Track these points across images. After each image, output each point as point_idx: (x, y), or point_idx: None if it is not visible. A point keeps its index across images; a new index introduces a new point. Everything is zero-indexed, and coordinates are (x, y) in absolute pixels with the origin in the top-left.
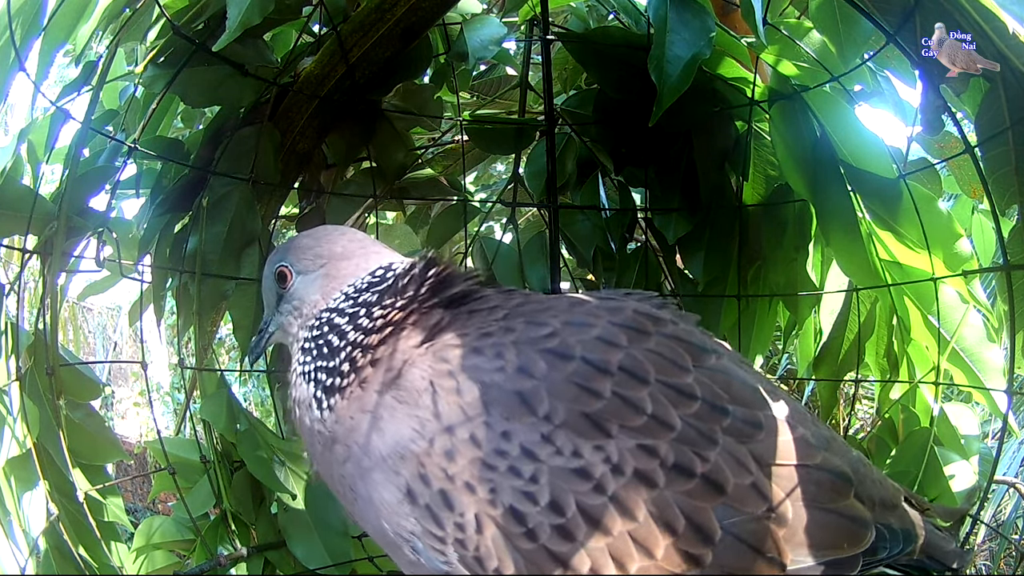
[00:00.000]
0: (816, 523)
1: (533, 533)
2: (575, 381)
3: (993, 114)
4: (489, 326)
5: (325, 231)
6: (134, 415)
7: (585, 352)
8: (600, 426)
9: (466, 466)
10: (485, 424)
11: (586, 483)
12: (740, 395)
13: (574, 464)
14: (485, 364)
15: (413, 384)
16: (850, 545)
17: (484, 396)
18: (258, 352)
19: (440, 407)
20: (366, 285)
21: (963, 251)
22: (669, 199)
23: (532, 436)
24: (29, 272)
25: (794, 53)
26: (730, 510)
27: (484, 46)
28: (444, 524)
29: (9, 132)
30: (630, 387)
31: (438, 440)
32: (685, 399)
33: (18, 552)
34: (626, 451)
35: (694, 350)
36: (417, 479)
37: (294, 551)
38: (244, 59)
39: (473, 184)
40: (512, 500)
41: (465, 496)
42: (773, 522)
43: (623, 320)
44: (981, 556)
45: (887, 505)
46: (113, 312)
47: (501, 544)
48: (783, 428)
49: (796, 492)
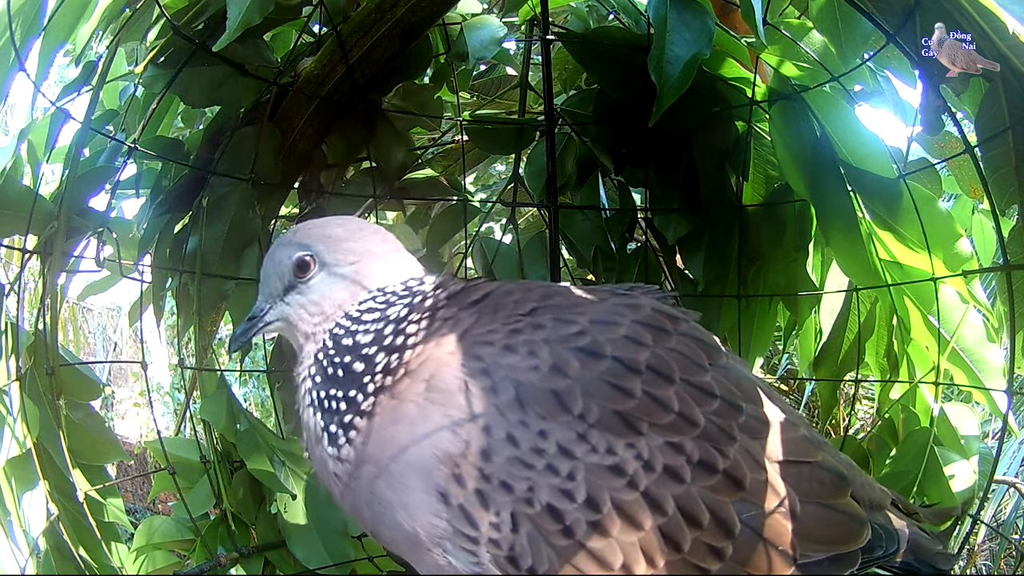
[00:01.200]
0: (820, 519)
1: (570, 530)
2: (608, 380)
3: (993, 114)
4: (517, 321)
5: (358, 225)
6: (134, 415)
7: (616, 351)
8: (632, 424)
9: (503, 465)
10: (522, 423)
11: (620, 479)
12: (749, 393)
13: (609, 461)
14: (519, 363)
15: (447, 385)
16: (849, 542)
17: (520, 395)
18: (243, 341)
19: (475, 407)
20: (396, 297)
21: (963, 251)
22: (669, 199)
23: (568, 434)
24: (29, 272)
25: (794, 53)
26: (748, 505)
27: (484, 46)
28: (479, 524)
29: (9, 132)
30: (658, 386)
31: (475, 440)
32: (707, 397)
33: (18, 552)
34: (655, 448)
35: (708, 349)
36: (451, 480)
37: (294, 551)
38: (244, 59)
39: (473, 184)
40: (550, 498)
41: (501, 495)
42: (784, 517)
43: (644, 318)
44: (981, 556)
45: (875, 506)
46: (113, 312)
47: (536, 542)
48: (787, 426)
49: (804, 489)
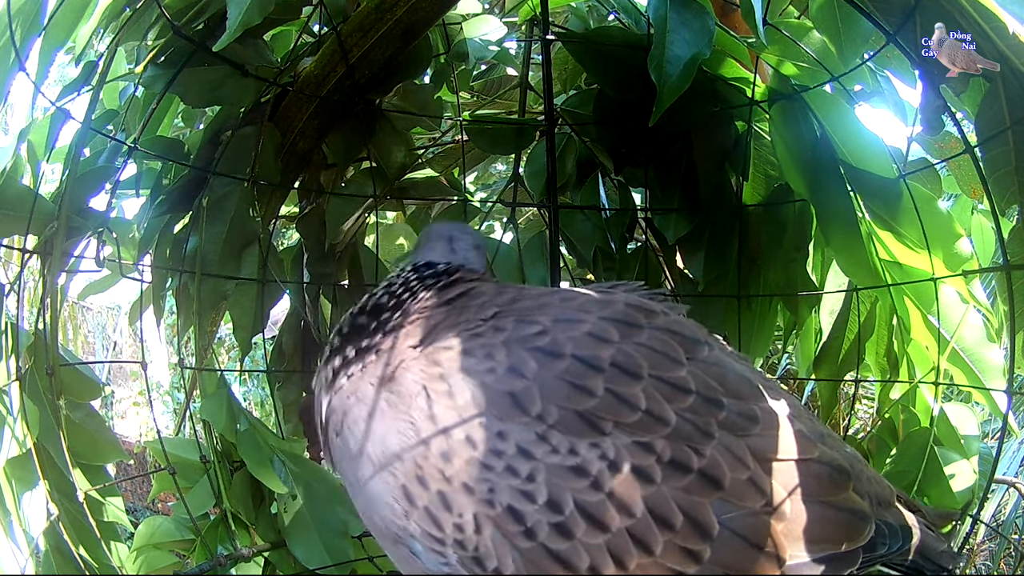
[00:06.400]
0: (815, 518)
1: (532, 532)
2: (566, 379)
3: (993, 114)
4: (479, 326)
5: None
6: (134, 415)
7: (576, 349)
8: (594, 424)
9: (463, 467)
10: (480, 425)
11: (583, 480)
12: (735, 388)
13: (570, 462)
14: (476, 366)
15: (407, 388)
16: (850, 540)
17: (476, 398)
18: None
19: (434, 410)
20: (398, 278)
21: (963, 251)
22: (669, 199)
23: (527, 435)
24: (29, 272)
25: (794, 53)
26: (727, 505)
27: (484, 46)
28: (443, 525)
29: (9, 132)
30: (623, 383)
31: (434, 442)
32: (679, 393)
33: (18, 552)
34: (622, 448)
35: (687, 342)
36: (415, 481)
37: (294, 551)
38: (244, 59)
39: (473, 184)
40: (510, 499)
41: (463, 497)
42: (771, 517)
43: (613, 314)
44: (981, 556)
45: (883, 502)
46: (113, 312)
47: (500, 543)
48: (779, 421)
49: (794, 486)
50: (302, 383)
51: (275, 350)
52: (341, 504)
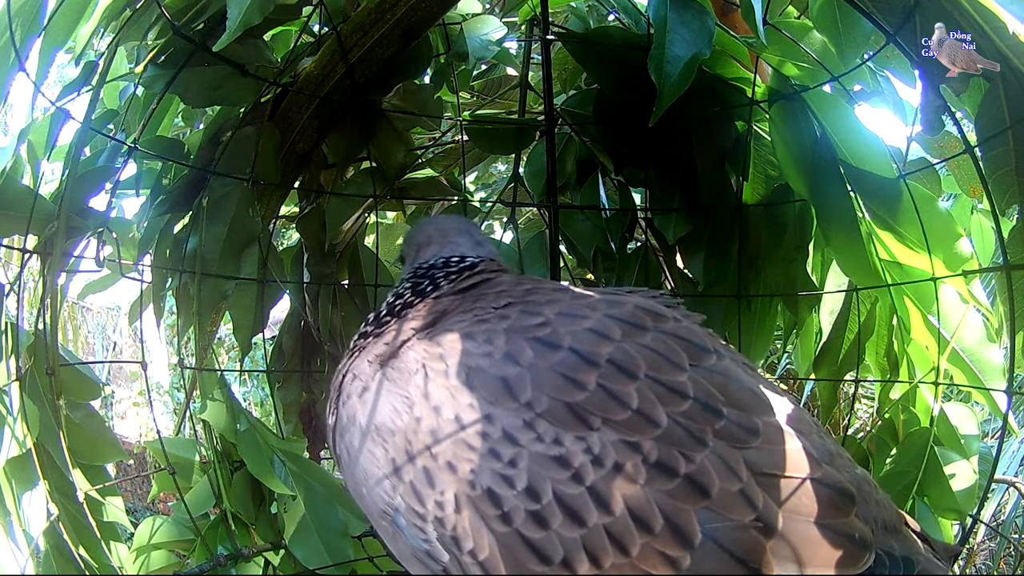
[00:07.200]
0: (809, 539)
1: (508, 516)
2: (560, 371)
3: (993, 114)
4: (487, 313)
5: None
6: (134, 415)
7: (574, 343)
8: (582, 417)
9: (449, 445)
10: (469, 406)
11: (564, 472)
12: (738, 399)
13: (553, 452)
14: (474, 349)
15: (407, 366)
16: (845, 566)
17: (470, 379)
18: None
19: (429, 388)
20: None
21: (963, 251)
22: (669, 199)
23: (514, 421)
24: (29, 272)
25: (794, 53)
26: (714, 515)
27: (484, 46)
28: (425, 501)
29: (9, 132)
30: (616, 381)
31: (425, 419)
32: (675, 397)
33: (18, 552)
34: (608, 444)
35: (692, 348)
36: (403, 454)
37: (294, 551)
38: (244, 59)
39: (473, 184)
40: (490, 482)
41: (446, 475)
42: (760, 532)
43: (620, 314)
44: (981, 556)
45: (890, 528)
46: (113, 312)
47: (477, 526)
48: (783, 437)
49: (790, 504)
50: (302, 383)
51: (275, 350)
52: (341, 504)
